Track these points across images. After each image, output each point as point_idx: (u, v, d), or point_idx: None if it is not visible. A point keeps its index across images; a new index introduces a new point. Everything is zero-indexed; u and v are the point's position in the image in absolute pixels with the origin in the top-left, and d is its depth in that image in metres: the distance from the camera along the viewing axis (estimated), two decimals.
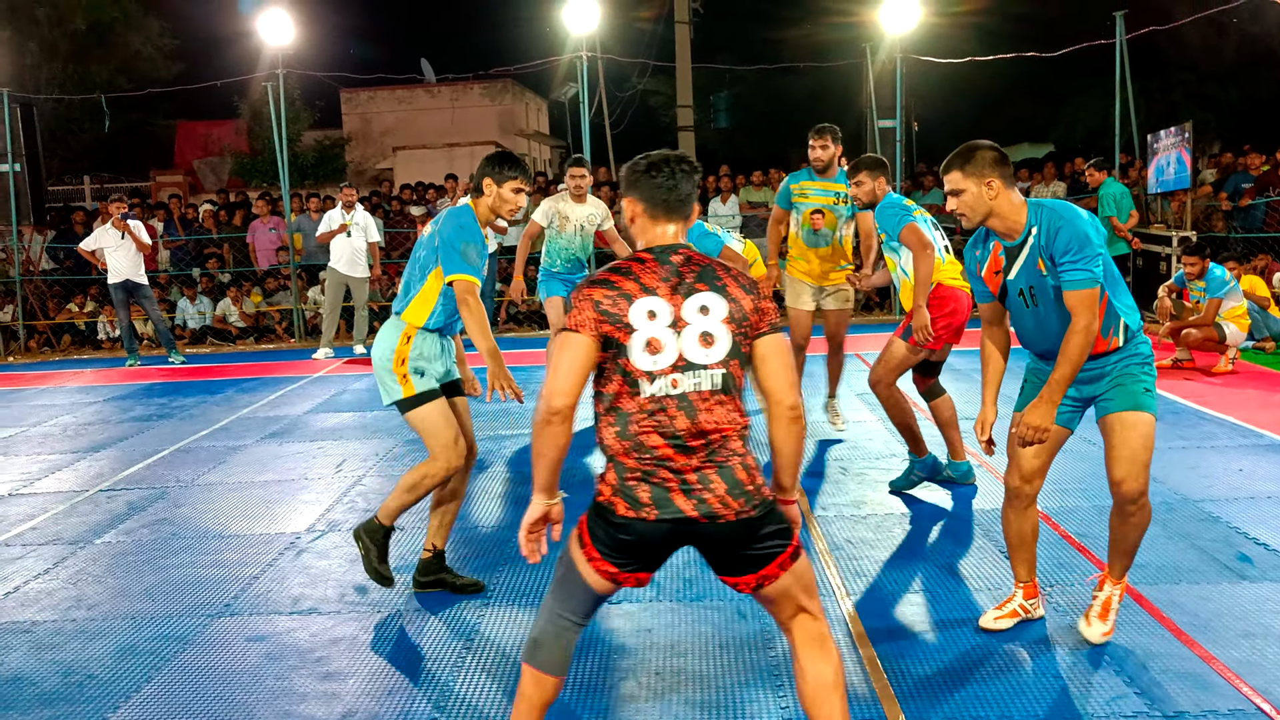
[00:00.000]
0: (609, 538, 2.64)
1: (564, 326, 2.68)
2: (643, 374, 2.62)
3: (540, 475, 2.69)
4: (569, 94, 25.65)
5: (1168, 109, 21.25)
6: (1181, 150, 11.33)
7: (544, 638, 2.76)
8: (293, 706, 3.53)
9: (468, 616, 4.22)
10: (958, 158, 3.55)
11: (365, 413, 8.42)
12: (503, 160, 4.24)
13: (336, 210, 11.88)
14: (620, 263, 2.73)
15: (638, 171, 2.76)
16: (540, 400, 2.63)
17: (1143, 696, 3.35)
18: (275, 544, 5.22)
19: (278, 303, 13.78)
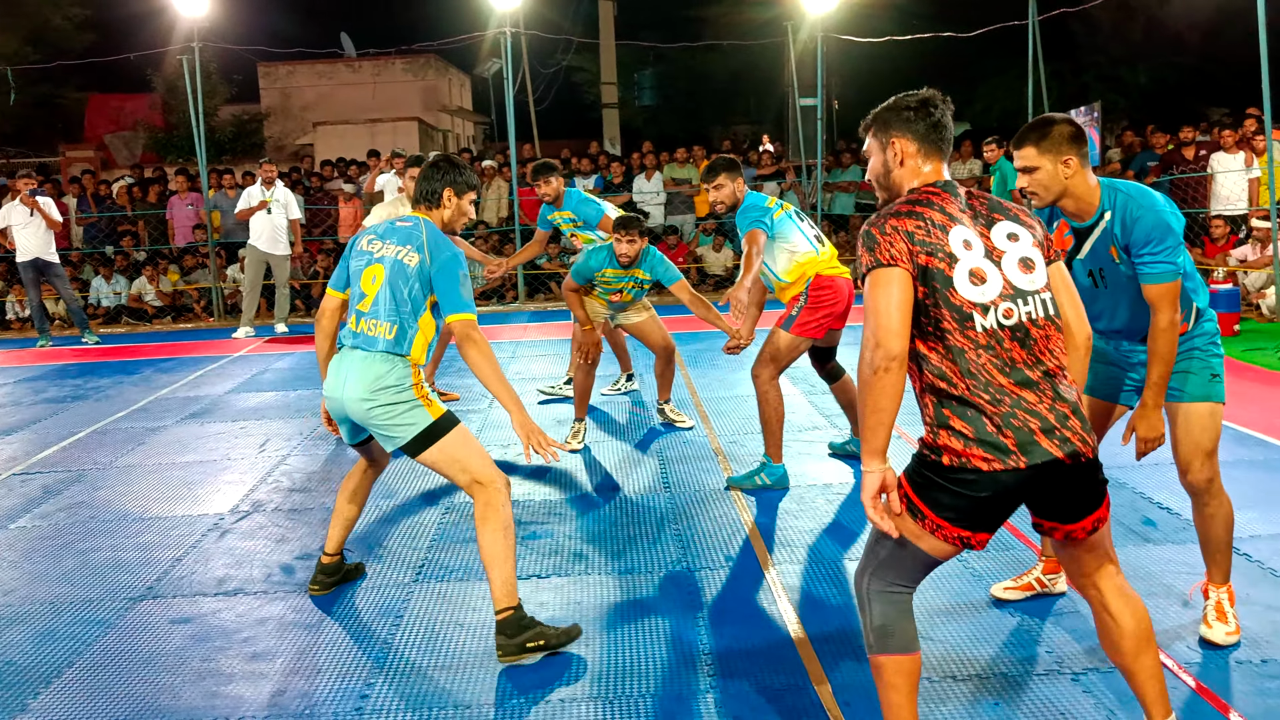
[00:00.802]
0: (960, 500, 2.45)
1: (874, 262, 2.47)
2: (974, 306, 2.45)
3: (879, 436, 2.46)
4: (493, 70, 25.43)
5: (1079, 90, 21.77)
6: (1091, 129, 11.64)
7: (889, 621, 2.60)
8: (220, 687, 3.51)
9: (397, 594, 4.23)
10: (1033, 132, 3.31)
11: (288, 392, 8.32)
12: (459, 167, 3.86)
13: (256, 186, 11.68)
14: (914, 195, 2.57)
15: (908, 109, 2.65)
16: (867, 348, 2.43)
17: (1052, 655, 3.49)
18: (198, 525, 5.16)
19: (196, 281, 13.50)
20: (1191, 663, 3.39)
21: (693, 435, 6.51)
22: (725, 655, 3.59)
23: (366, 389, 3.64)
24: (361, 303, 3.75)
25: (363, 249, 3.83)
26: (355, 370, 3.68)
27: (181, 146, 23.15)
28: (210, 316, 13.20)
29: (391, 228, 3.81)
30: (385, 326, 3.68)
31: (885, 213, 2.55)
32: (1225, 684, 3.25)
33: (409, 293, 3.68)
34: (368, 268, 3.77)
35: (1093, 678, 3.33)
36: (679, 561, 4.45)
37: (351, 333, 3.76)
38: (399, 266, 3.70)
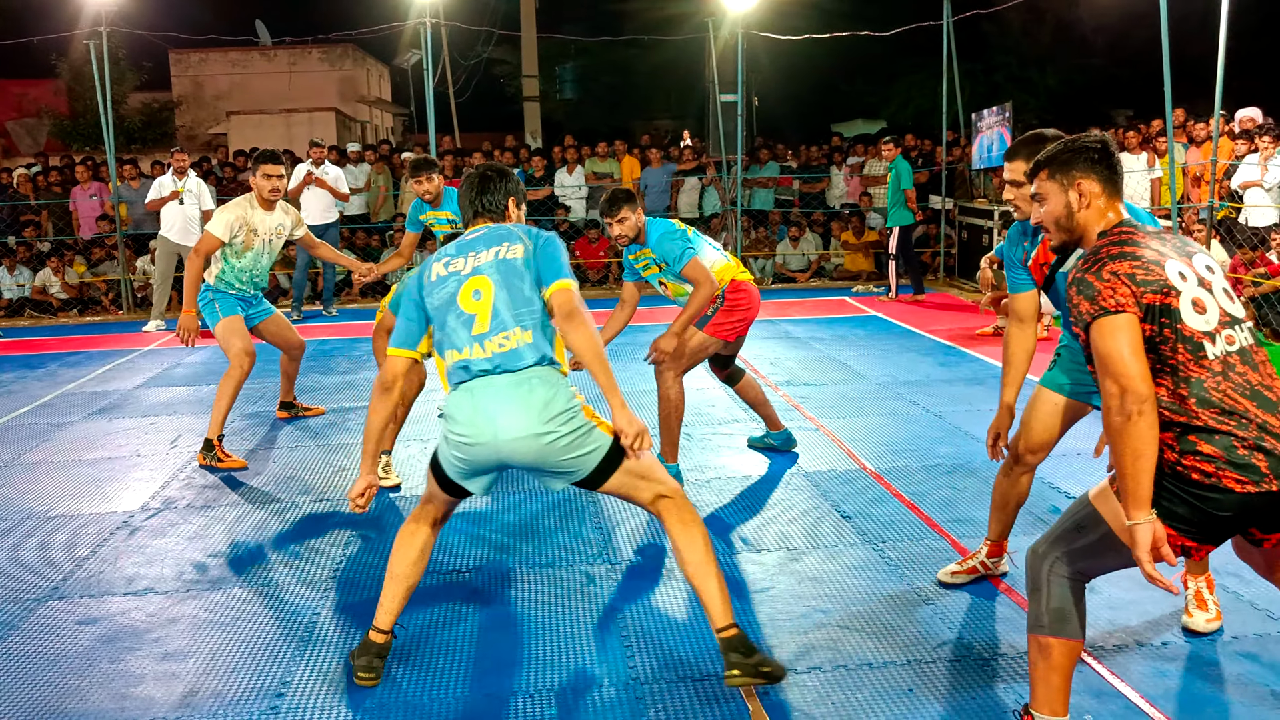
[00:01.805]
0: (1201, 517, 2.47)
1: (1099, 310, 2.47)
2: (1202, 335, 2.49)
3: (1143, 484, 2.44)
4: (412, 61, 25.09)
5: (991, 90, 22.27)
6: (1003, 129, 11.92)
7: (1067, 605, 2.67)
8: (129, 689, 3.43)
9: (314, 592, 4.17)
10: (1025, 149, 3.36)
11: (200, 386, 8.13)
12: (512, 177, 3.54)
13: (167, 176, 11.38)
14: (1116, 235, 2.60)
15: (1093, 150, 2.68)
16: (1113, 397, 2.43)
17: (964, 641, 3.58)
18: (106, 524, 5.02)
19: (104, 273, 13.12)
20: (1095, 646, 3.50)
21: None
22: (647, 646, 3.61)
23: (540, 420, 3.05)
24: (475, 325, 3.14)
25: (440, 276, 3.26)
26: (510, 400, 3.06)
27: (88, 135, 22.48)
28: (119, 309, 12.83)
29: (464, 241, 3.34)
30: (521, 334, 3.13)
31: (1097, 258, 2.55)
32: (1127, 666, 3.37)
33: (530, 286, 3.21)
34: (464, 286, 3.21)
35: (1002, 663, 3.42)
36: (600, 555, 4.46)
37: (477, 360, 3.12)
38: (507, 264, 3.22)
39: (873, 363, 8.27)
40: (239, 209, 6.10)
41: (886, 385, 7.46)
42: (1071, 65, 24.95)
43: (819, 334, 9.69)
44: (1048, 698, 2.74)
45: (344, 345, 9.79)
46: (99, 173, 13.54)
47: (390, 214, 13.63)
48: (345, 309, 12.20)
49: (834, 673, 3.40)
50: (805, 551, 4.44)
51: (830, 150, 14.66)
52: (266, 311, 6.40)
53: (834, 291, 12.73)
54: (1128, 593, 3.91)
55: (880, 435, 6.16)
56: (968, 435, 6.07)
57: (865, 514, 4.85)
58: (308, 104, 25.85)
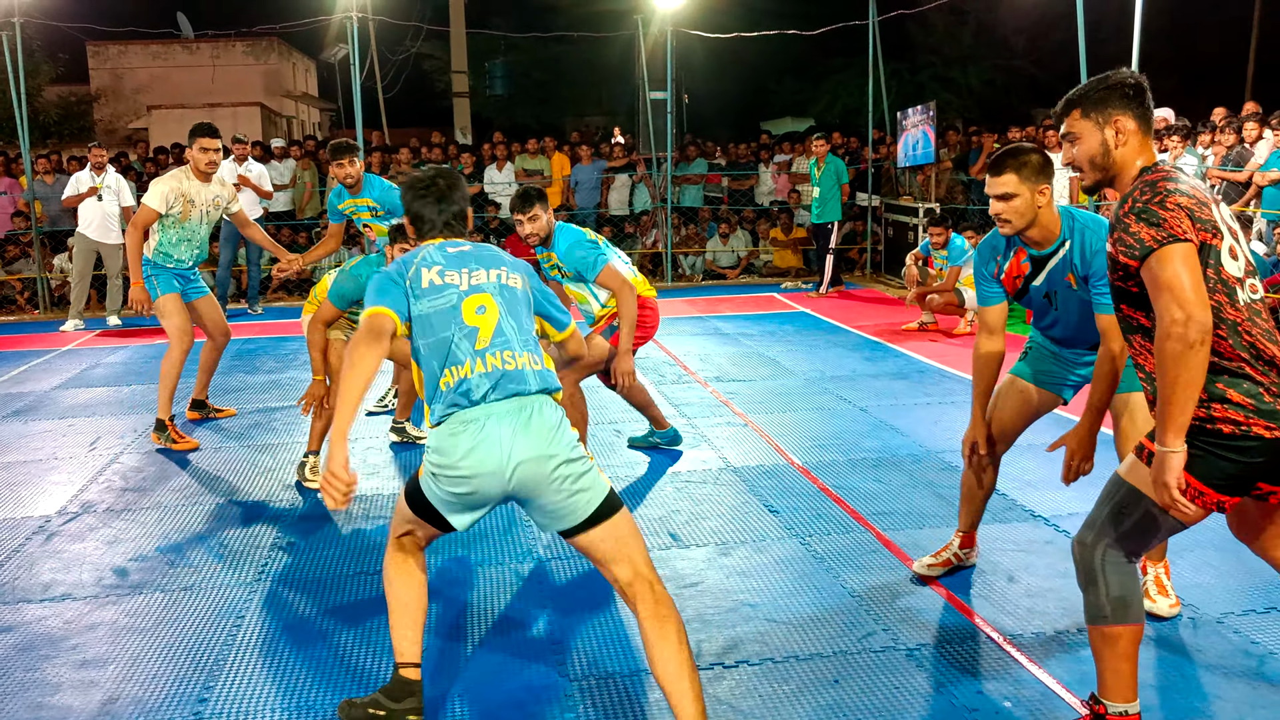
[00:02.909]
0: (1235, 467, 2.49)
1: (1168, 236, 2.44)
2: (1236, 280, 2.50)
3: (1188, 412, 2.43)
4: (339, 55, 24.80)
5: (915, 89, 22.67)
6: (927, 127, 12.12)
7: (1129, 592, 2.66)
8: (45, 698, 3.35)
9: (238, 594, 4.11)
10: (1012, 159, 3.41)
11: (121, 387, 7.95)
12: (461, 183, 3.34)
13: (85, 172, 11.09)
14: (1168, 172, 2.57)
15: (1128, 87, 2.64)
16: (1176, 324, 2.39)
17: (888, 632, 3.65)
18: (21, 529, 4.89)
19: (19, 271, 12.75)
20: (1014, 634, 3.59)
21: None
22: (575, 644, 3.62)
23: (547, 443, 2.86)
24: (477, 339, 2.93)
25: (435, 284, 3.00)
26: (518, 423, 2.86)
27: (1, 129, 21.81)
28: (35, 309, 12.48)
29: (454, 254, 3.09)
30: (526, 358, 2.96)
31: (1154, 190, 2.52)
32: (1046, 654, 3.46)
33: (528, 316, 3.09)
34: (467, 300, 2.99)
35: (925, 652, 3.50)
36: (529, 552, 4.46)
37: (480, 375, 2.89)
38: (510, 291, 3.06)
39: (800, 358, 8.36)
40: (174, 180, 6.09)
41: (814, 380, 7.55)
42: (993, 65, 25.49)
43: (748, 330, 9.78)
44: (1119, 686, 2.74)
45: (269, 344, 9.63)
46: (10, 168, 13.16)
47: (316, 210, 13.43)
48: (271, 307, 12.01)
49: (761, 666, 3.44)
50: (733, 546, 4.48)
51: (758, 148, 14.77)
52: (200, 290, 6.41)
53: (763, 288, 12.84)
54: (1046, 580, 4.01)
55: (807, 430, 6.23)
56: (893, 429, 6.18)
57: (792, 508, 4.91)
58: (232, 98, 25.41)
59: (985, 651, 3.50)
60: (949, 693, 3.22)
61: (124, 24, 16.66)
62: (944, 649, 3.51)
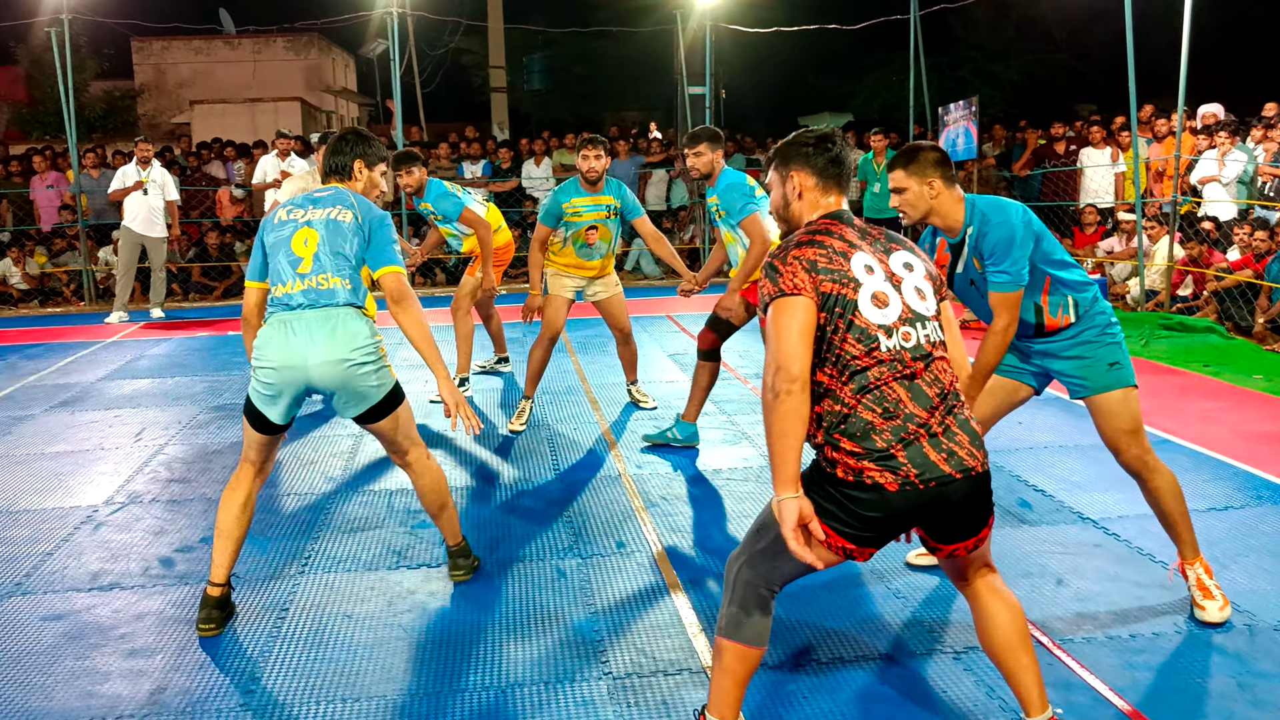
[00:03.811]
0: (852, 515, 2.51)
1: (778, 291, 2.52)
2: (877, 328, 2.53)
3: (790, 463, 2.46)
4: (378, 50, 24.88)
5: (956, 84, 22.42)
6: (969, 123, 12.00)
7: (747, 612, 2.66)
8: (95, 686, 3.38)
9: (283, 586, 4.13)
10: (901, 158, 3.57)
11: (165, 379, 8.04)
12: (368, 139, 3.90)
13: (131, 166, 11.23)
14: (814, 225, 2.66)
15: (806, 146, 2.74)
16: (768, 373, 2.47)
17: (936, 636, 3.61)
18: (70, 518, 4.95)
19: (65, 264, 12.93)
20: (1065, 639, 3.54)
21: (582, 421, 6.51)
22: (616, 643, 3.61)
23: (345, 349, 3.53)
24: (300, 265, 3.59)
25: (281, 220, 3.69)
26: (322, 330, 3.53)
27: (49, 123, 22.11)
28: (81, 301, 12.65)
29: (310, 198, 3.73)
30: (337, 280, 3.58)
31: (786, 244, 2.62)
32: (1097, 659, 3.41)
33: (350, 247, 3.61)
34: (296, 233, 3.63)
35: (974, 655, 3.45)
36: (570, 549, 4.45)
37: (298, 293, 3.57)
38: (334, 224, 3.62)
39: None
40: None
41: None
42: (1035, 59, 25.18)
43: None
44: (718, 701, 2.75)
45: None
46: (57, 163, 13.33)
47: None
48: None
49: (806, 668, 3.40)
50: None
51: None
52: None
53: None
54: (1096, 584, 3.95)
55: None
56: None
57: None
58: (273, 93, 25.57)
59: None
60: (998, 697, 3.18)
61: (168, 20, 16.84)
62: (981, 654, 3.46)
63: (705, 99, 14.14)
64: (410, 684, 3.35)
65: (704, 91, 14.24)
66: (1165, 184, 10.75)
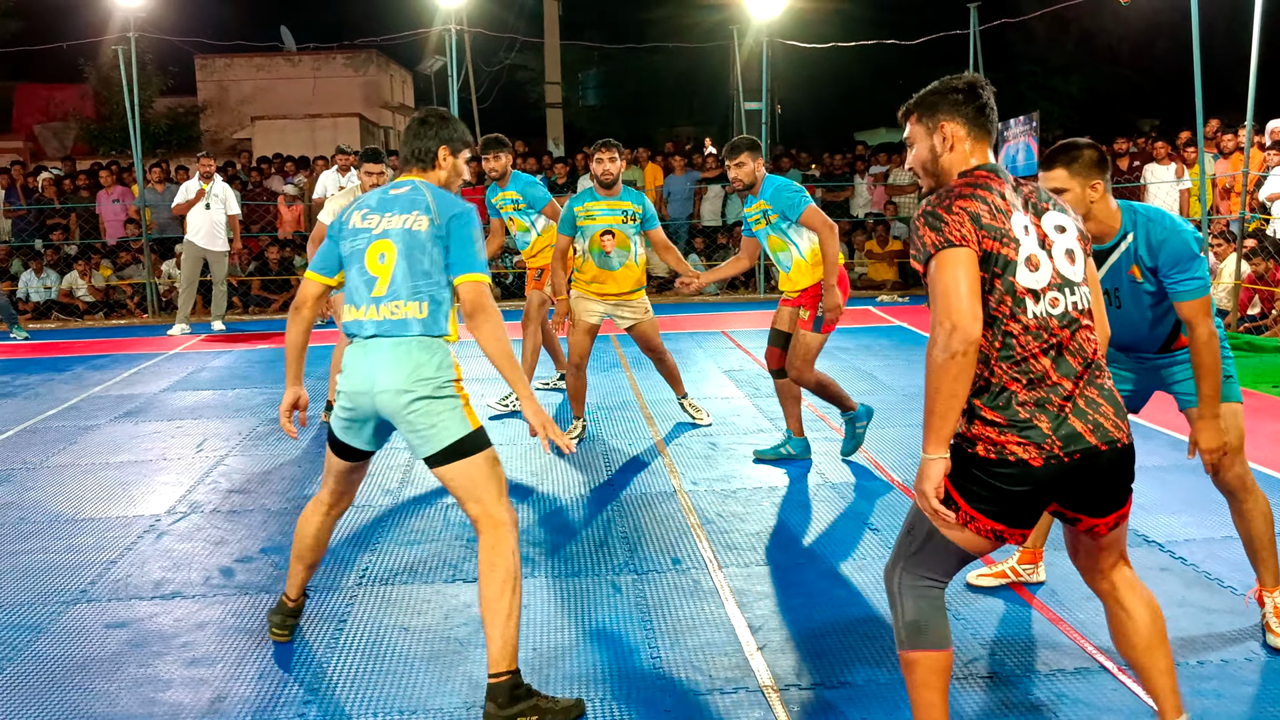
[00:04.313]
0: (998, 494, 2.45)
1: (944, 242, 2.41)
2: (1028, 292, 2.45)
3: (949, 423, 2.40)
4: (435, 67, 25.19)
5: (1015, 99, 22.19)
6: (1029, 139, 11.86)
7: (922, 616, 2.59)
8: (157, 694, 3.43)
9: (341, 598, 4.17)
10: (1063, 156, 3.37)
11: (226, 391, 8.16)
12: (451, 122, 3.52)
13: (194, 181, 11.45)
14: (971, 177, 2.55)
15: (957, 92, 2.62)
16: (941, 330, 2.37)
17: (996, 658, 3.54)
18: (134, 527, 5.04)
19: (129, 277, 13.20)
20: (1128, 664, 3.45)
21: (638, 438, 6.51)
22: (672, 660, 3.58)
23: (406, 378, 3.21)
24: (375, 288, 3.30)
25: (356, 226, 3.38)
26: (388, 359, 3.24)
27: (115, 139, 22.62)
28: (144, 313, 12.91)
29: (386, 197, 3.40)
30: (413, 306, 3.25)
31: (948, 194, 2.50)
32: None
33: (431, 261, 3.27)
34: (371, 246, 3.32)
35: (1035, 679, 3.38)
36: (626, 564, 4.44)
37: (371, 321, 3.29)
38: (410, 236, 3.29)
39: (898, 373, 8.22)
40: (345, 198, 6.78)
41: (912, 396, 7.41)
42: (1096, 74, 24.84)
43: (843, 344, 9.65)
44: (919, 716, 2.65)
45: None
46: (123, 178, 13.62)
47: None
48: None
49: (865, 687, 3.36)
50: (832, 563, 4.40)
51: (854, 159, 14.60)
52: None
53: (858, 301, 12.68)
54: (1163, 609, 3.85)
55: (907, 447, 6.11)
56: None
57: (893, 527, 4.80)
58: (332, 109, 25.95)
59: (1099, 681, 3.37)
60: (1056, 712, 3.11)
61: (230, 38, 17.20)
62: (1054, 678, 3.39)
63: (761, 114, 14.11)
64: (467, 696, 3.36)
65: (760, 107, 14.22)
66: (1232, 200, 10.53)
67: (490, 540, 3.20)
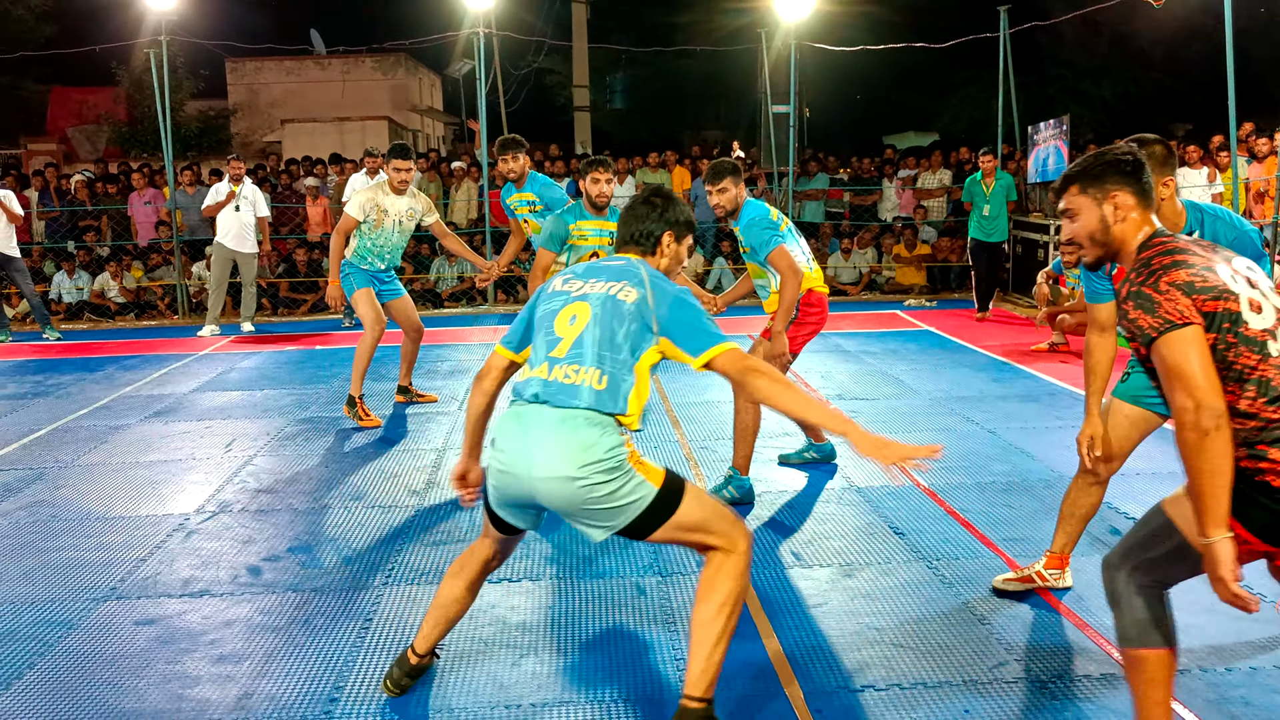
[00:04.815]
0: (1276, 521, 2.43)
1: (1165, 325, 2.41)
2: (1264, 333, 2.44)
3: (1223, 501, 2.37)
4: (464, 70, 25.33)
5: (1045, 103, 22.04)
6: (1059, 143, 11.77)
7: (1154, 614, 2.62)
8: (185, 690, 3.46)
9: (366, 596, 4.19)
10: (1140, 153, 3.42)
11: (255, 391, 8.23)
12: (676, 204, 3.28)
13: (224, 183, 11.55)
14: (1159, 246, 2.56)
15: (1124, 163, 2.66)
16: (1187, 412, 2.36)
17: (1022, 663, 3.52)
18: (163, 526, 5.09)
19: (160, 278, 13.34)
20: None
21: (664, 440, 6.50)
22: None
23: (574, 464, 2.83)
24: (555, 348, 2.98)
25: (556, 290, 3.13)
26: (550, 436, 2.86)
27: (146, 141, 22.87)
28: (175, 314, 13.04)
29: (596, 266, 3.15)
30: (593, 374, 2.91)
31: (1147, 271, 2.51)
32: (1191, 692, 3.29)
33: (625, 334, 2.95)
34: (565, 308, 3.04)
35: (1059, 685, 3.36)
36: (650, 567, 4.44)
37: (540, 381, 2.96)
38: (612, 303, 2.99)
39: (925, 377, 8.18)
40: (371, 192, 6.88)
41: (939, 400, 7.37)
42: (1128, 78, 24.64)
43: (870, 348, 9.61)
44: (1146, 714, 2.67)
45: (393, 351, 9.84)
46: (154, 180, 13.76)
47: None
48: None
49: (888, 691, 3.35)
50: (858, 568, 4.39)
51: (882, 163, 14.55)
52: (396, 291, 7.16)
53: (886, 305, 12.63)
54: (1191, 616, 3.81)
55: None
56: (1023, 452, 5.98)
57: (919, 531, 4.78)
58: (361, 112, 26.15)
59: (1125, 687, 3.33)
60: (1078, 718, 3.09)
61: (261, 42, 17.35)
62: (1078, 683, 3.37)
63: (789, 117, 14.09)
64: (491, 696, 3.37)
65: (788, 110, 14.19)
66: (1266, 204, 10.41)
67: (716, 562, 2.99)
